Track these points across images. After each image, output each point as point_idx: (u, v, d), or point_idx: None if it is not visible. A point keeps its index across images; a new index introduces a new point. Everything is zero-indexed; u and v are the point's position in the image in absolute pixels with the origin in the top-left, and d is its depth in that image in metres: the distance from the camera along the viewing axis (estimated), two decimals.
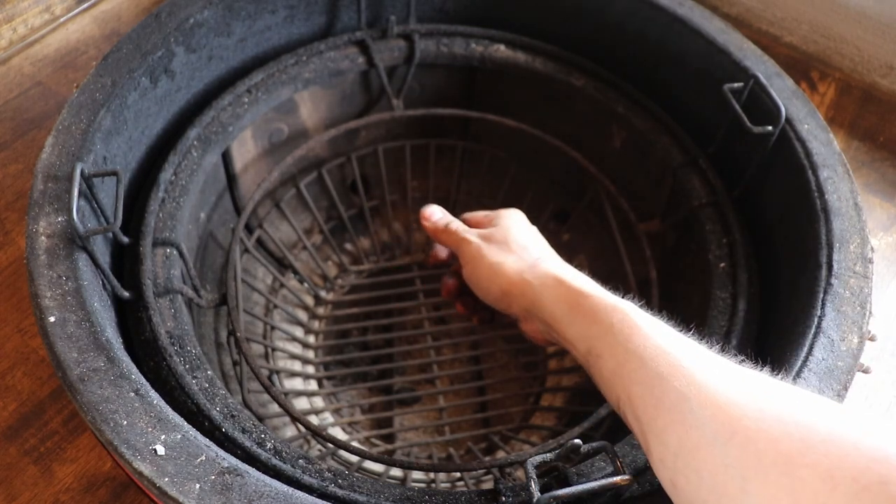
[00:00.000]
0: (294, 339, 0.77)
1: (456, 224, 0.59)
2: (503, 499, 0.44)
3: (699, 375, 0.35)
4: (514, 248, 0.53)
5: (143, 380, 0.43)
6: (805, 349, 0.48)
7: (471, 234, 0.56)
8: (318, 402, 0.75)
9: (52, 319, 0.44)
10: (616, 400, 0.40)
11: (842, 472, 0.28)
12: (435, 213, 0.60)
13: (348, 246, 0.85)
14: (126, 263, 0.55)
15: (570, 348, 0.46)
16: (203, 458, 0.40)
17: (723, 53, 0.64)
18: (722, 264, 0.59)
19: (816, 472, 0.28)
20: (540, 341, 0.54)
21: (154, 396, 0.42)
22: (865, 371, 0.49)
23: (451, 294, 0.60)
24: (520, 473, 0.65)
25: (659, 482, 0.44)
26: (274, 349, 0.74)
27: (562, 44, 0.72)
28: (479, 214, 0.61)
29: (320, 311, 0.81)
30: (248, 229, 0.75)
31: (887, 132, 0.83)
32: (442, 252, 0.64)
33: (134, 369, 0.43)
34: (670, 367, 0.36)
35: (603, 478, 0.42)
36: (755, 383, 0.34)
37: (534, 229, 0.57)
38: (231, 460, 0.40)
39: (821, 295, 0.50)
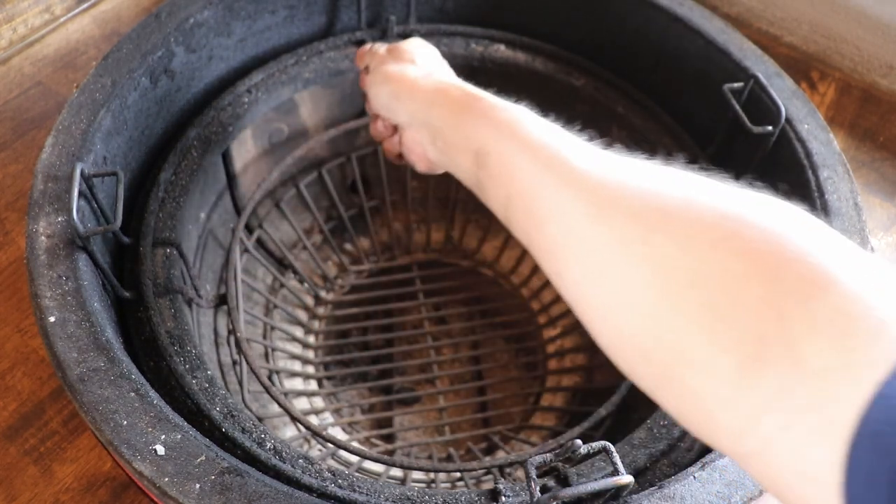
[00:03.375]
0: (294, 339, 0.77)
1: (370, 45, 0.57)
2: (503, 499, 0.44)
3: (575, 163, 0.35)
4: (415, 59, 0.51)
5: (143, 380, 0.43)
6: None
7: (379, 47, 0.54)
8: (318, 402, 0.75)
9: (52, 319, 0.44)
10: (505, 199, 0.39)
11: (694, 232, 0.28)
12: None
13: (348, 246, 0.85)
14: (126, 263, 0.55)
15: (454, 161, 0.44)
16: (203, 458, 0.40)
17: (723, 53, 0.64)
18: None
19: (670, 237, 0.29)
20: (420, 162, 0.50)
21: (154, 396, 0.42)
22: None
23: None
24: (520, 473, 0.65)
25: (658, 482, 0.44)
26: (274, 349, 0.74)
27: (562, 44, 0.72)
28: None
29: (320, 311, 0.81)
30: (248, 229, 0.75)
31: (887, 132, 0.83)
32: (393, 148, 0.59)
33: (134, 369, 0.43)
34: (550, 157, 0.36)
35: (603, 478, 0.42)
36: (623, 165, 0.34)
37: (437, 51, 0.55)
38: (231, 460, 0.40)
39: None
